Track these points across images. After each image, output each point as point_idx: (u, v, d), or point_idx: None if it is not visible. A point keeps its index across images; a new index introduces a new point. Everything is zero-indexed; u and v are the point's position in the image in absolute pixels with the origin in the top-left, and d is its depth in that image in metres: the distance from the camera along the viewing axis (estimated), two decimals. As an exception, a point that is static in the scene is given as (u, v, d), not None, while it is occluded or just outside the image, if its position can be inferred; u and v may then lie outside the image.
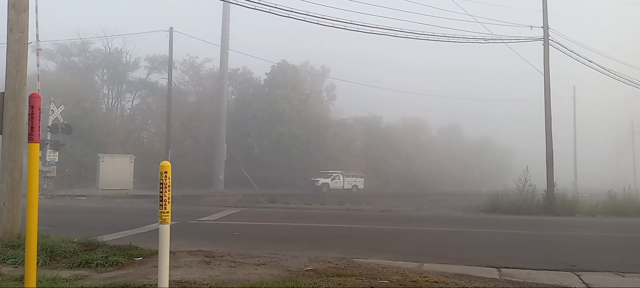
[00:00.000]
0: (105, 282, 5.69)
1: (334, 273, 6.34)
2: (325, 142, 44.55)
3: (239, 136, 43.68)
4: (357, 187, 41.01)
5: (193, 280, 5.83)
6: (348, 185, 40.74)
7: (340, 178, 40.67)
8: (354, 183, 41.23)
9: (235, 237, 11.15)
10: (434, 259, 8.09)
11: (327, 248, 9.01)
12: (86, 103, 38.19)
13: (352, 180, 41.26)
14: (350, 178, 41.32)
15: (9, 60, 8.03)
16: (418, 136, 52.78)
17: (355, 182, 41.46)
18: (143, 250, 7.43)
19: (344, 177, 41.00)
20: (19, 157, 7.95)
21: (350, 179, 41.27)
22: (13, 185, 7.86)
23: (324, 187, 38.90)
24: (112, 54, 43.95)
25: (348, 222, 14.71)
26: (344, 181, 40.77)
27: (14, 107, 7.88)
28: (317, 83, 50.33)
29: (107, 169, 31.43)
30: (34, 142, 3.80)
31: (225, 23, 34.53)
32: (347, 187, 40.47)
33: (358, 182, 41.67)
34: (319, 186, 38.97)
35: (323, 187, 39.03)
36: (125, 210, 18.28)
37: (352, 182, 41.19)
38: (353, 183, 41.20)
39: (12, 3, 8.08)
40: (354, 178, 41.55)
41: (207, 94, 45.11)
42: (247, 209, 19.00)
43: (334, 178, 40.36)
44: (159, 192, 3.97)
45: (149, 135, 45.39)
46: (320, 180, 39.64)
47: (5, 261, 6.66)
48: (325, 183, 39.59)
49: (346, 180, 40.99)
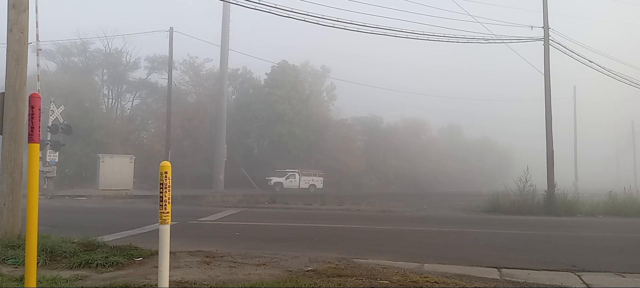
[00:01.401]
0: (105, 282, 5.69)
1: (334, 274, 6.34)
2: (325, 142, 44.52)
3: (239, 136, 43.67)
4: (315, 186, 39.85)
5: (193, 281, 5.83)
6: (304, 185, 39.66)
7: (296, 177, 39.70)
8: (311, 182, 40.15)
9: (235, 238, 11.14)
10: (435, 260, 8.09)
11: (327, 249, 9.01)
12: (86, 103, 38.20)
13: (309, 179, 40.20)
14: (307, 177, 40.29)
15: (9, 61, 8.03)
16: (418, 136, 52.77)
17: (313, 181, 40.37)
18: (143, 251, 7.43)
19: (300, 176, 39.99)
20: (19, 158, 7.94)
21: (308, 178, 40.21)
22: (13, 185, 7.86)
23: (276, 186, 37.71)
24: (112, 54, 43.95)
25: (348, 222, 14.70)
26: (300, 180, 39.73)
27: (14, 108, 7.88)
28: (317, 83, 50.30)
29: (107, 169, 31.41)
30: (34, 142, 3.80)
31: (225, 23, 34.55)
32: (303, 186, 39.43)
33: (316, 181, 40.54)
34: (272, 185, 37.96)
35: (276, 186, 37.93)
36: (125, 210, 18.27)
37: (309, 181, 40.11)
38: (310, 182, 40.11)
39: (12, 3, 8.07)
40: (312, 177, 40.49)
41: (207, 94, 45.11)
42: (247, 209, 18.99)
43: (289, 177, 39.46)
44: (159, 192, 3.97)
45: (149, 136, 45.37)
46: (273, 179, 38.67)
47: (5, 261, 6.66)
48: (278, 182, 38.44)
49: (303, 179, 39.94)
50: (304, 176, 40.10)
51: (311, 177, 40.54)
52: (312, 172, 41.00)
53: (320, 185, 40.26)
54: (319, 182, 40.64)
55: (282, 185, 38.35)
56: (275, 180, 38.55)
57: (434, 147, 52.45)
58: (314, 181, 40.39)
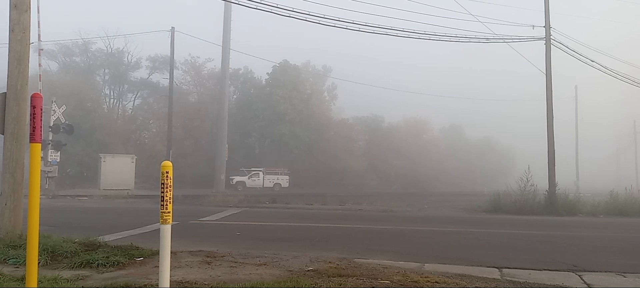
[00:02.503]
0: (106, 282, 5.70)
1: (335, 274, 6.34)
2: (327, 142, 44.53)
3: (240, 136, 43.72)
4: (280, 185, 39.47)
5: (194, 280, 5.84)
6: (269, 183, 39.25)
7: (259, 176, 39.37)
8: (276, 181, 39.74)
9: (236, 237, 11.15)
10: (435, 259, 8.09)
11: (328, 249, 9.01)
12: (88, 103, 38.27)
13: (273, 178, 39.80)
14: (271, 176, 39.90)
15: (11, 60, 8.05)
16: (420, 136, 52.77)
17: (278, 179, 39.92)
18: (144, 250, 7.45)
19: (264, 175, 39.62)
20: (21, 157, 7.97)
21: (272, 177, 39.83)
22: (15, 185, 7.88)
23: (239, 186, 37.20)
24: (113, 54, 44.05)
25: (349, 222, 14.71)
26: (264, 179, 39.36)
27: (15, 107, 7.90)
28: (318, 83, 50.34)
29: (108, 169, 31.47)
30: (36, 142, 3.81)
31: (227, 23, 34.61)
32: (268, 185, 38.99)
33: (281, 179, 40.10)
34: (234, 185, 37.42)
35: (238, 185, 37.34)
36: (126, 210, 18.30)
37: (273, 179, 39.71)
38: (275, 181, 39.72)
39: (14, 3, 8.09)
40: (277, 176, 40.08)
41: (208, 94, 45.16)
42: (248, 209, 19.01)
43: (252, 176, 39.12)
44: (161, 192, 3.97)
45: (150, 136, 45.46)
46: (235, 179, 38.17)
47: (6, 261, 6.68)
48: (240, 181, 37.99)
49: (267, 177, 39.54)
50: (268, 175, 39.70)
51: (276, 175, 40.08)
52: (277, 171, 40.55)
53: (285, 184, 39.84)
54: (284, 180, 40.19)
55: (245, 185, 37.98)
56: (238, 180, 38.08)
57: (435, 147, 52.48)
58: (279, 180, 39.95)
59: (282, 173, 40.47)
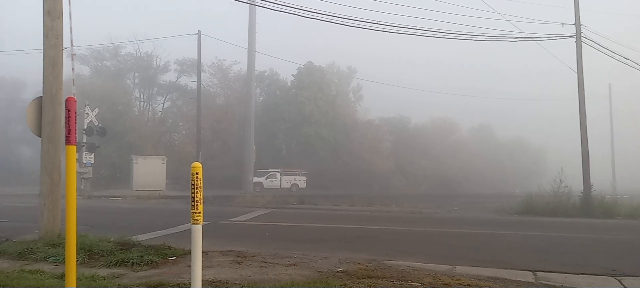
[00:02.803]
0: (140, 280, 5.81)
1: (364, 275, 6.30)
2: (352, 143, 44.40)
3: (266, 138, 44.04)
4: (298, 186, 39.19)
5: (225, 280, 5.89)
6: (286, 184, 39.03)
7: (276, 177, 39.16)
8: (293, 182, 39.51)
9: (265, 238, 11.21)
10: (467, 262, 7.93)
11: (357, 250, 8.96)
12: (119, 106, 39.28)
13: (291, 179, 39.56)
14: (289, 176, 39.65)
15: (46, 66, 8.31)
16: (448, 136, 52.01)
17: (296, 180, 39.66)
18: (176, 250, 7.56)
19: (281, 176, 39.39)
20: (57, 159, 8.21)
21: (290, 177, 39.58)
22: (52, 186, 8.13)
23: (256, 187, 36.92)
24: (142, 58, 45.08)
25: (378, 223, 14.59)
26: (281, 180, 39.12)
27: (51, 111, 8.15)
28: (343, 84, 50.27)
29: (140, 171, 32.21)
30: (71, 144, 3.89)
31: (252, 25, 34.90)
32: (285, 185, 38.82)
33: (299, 180, 39.79)
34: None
35: (256, 186, 37.06)
36: (158, 210, 18.65)
37: (291, 180, 39.48)
38: (292, 182, 39.49)
39: (47, 10, 8.35)
40: (294, 177, 39.81)
41: (235, 96, 45.68)
42: (276, 210, 19.10)
43: (269, 177, 38.93)
44: (191, 193, 4.02)
45: (180, 137, 46.29)
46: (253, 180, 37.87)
47: (46, 259, 6.90)
48: (258, 182, 37.51)
49: (284, 178, 39.29)
50: (285, 175, 39.58)
51: (293, 176, 39.91)
52: (295, 171, 40.34)
53: (303, 185, 39.62)
54: (301, 181, 39.98)
55: (262, 185, 37.87)
56: (256, 180, 37.91)
57: (464, 147, 51.58)
58: (296, 180, 39.79)
59: (300, 174, 40.39)
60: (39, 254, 7.05)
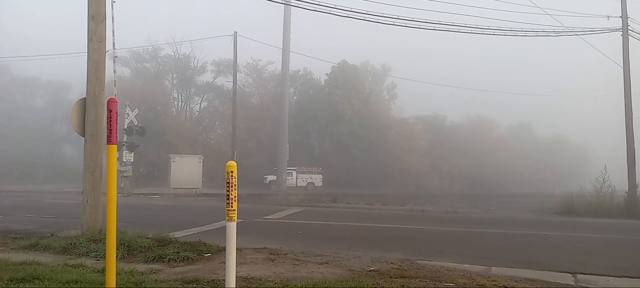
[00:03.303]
0: (177, 276, 5.97)
1: (397, 275, 6.26)
2: (386, 141, 44.07)
3: (300, 136, 44.29)
4: (314, 184, 38.76)
5: (259, 277, 5.98)
6: (302, 182, 38.57)
7: (293, 175, 38.73)
8: (309, 180, 39.04)
9: (298, 236, 11.29)
10: (503, 263, 7.75)
11: (389, 249, 8.90)
12: (158, 106, 40.45)
13: (307, 177, 39.10)
14: (305, 175, 39.18)
15: (89, 68, 8.65)
16: (485, 134, 50.87)
17: (311, 178, 39.19)
18: (211, 247, 7.73)
19: (297, 174, 38.97)
20: (99, 158, 8.54)
21: (305, 176, 39.14)
22: (94, 183, 8.46)
23: (272, 185, 36.76)
24: (180, 59, 46.23)
25: (411, 223, 14.45)
26: (297, 178, 38.70)
27: (94, 112, 8.48)
28: (377, 82, 49.98)
29: (177, 169, 33.05)
30: (112, 143, 4.04)
31: (286, 26, 35.15)
32: (301, 184, 38.34)
33: (314, 178, 39.33)
34: (267, 184, 37.24)
35: (271, 184, 37.08)
36: (194, 207, 19.10)
37: (307, 178, 39.03)
38: (308, 180, 39.01)
39: (91, 15, 8.69)
40: (310, 175, 39.31)
41: (269, 95, 46.19)
42: (309, 208, 19.20)
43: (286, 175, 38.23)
44: (226, 191, 4.10)
45: (216, 137, 47.19)
46: (268, 178, 37.89)
47: (88, 254, 7.20)
48: (274, 180, 37.30)
49: (300, 176, 38.83)
50: (301, 174, 39.29)
51: (309, 174, 39.57)
52: (311, 170, 40.01)
53: (319, 183, 39.27)
54: (317, 179, 39.65)
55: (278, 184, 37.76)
56: (271, 179, 37.93)
57: (502, 146, 50.34)
58: (312, 179, 39.47)
59: (316, 172, 40.15)
60: (81, 249, 7.37)
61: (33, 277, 5.44)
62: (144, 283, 5.42)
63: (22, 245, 7.98)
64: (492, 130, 52.62)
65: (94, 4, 8.66)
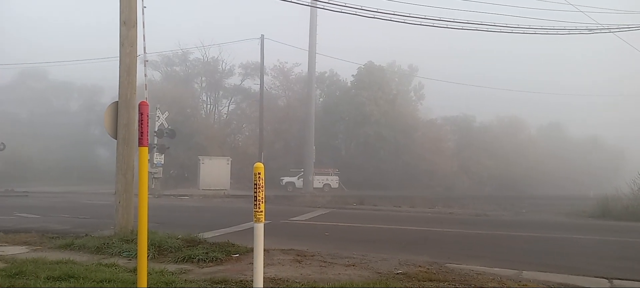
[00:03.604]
0: (206, 276, 6.07)
1: (425, 278, 6.19)
2: (414, 142, 43.62)
3: (327, 138, 44.29)
4: (330, 186, 37.90)
5: (286, 278, 6.01)
6: (319, 184, 37.58)
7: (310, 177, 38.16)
8: (325, 182, 38.15)
9: (325, 237, 11.30)
10: (535, 267, 7.56)
11: (417, 252, 8.81)
12: (187, 109, 41.21)
13: (323, 179, 38.20)
14: (321, 176, 38.24)
15: (121, 72, 8.89)
16: (515, 135, 49.69)
17: (328, 180, 38.30)
18: (239, 247, 7.81)
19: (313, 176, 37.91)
20: (131, 160, 8.76)
21: (322, 177, 38.22)
22: (126, 185, 8.68)
23: (289, 186, 36.26)
24: (209, 63, 47.00)
25: (439, 225, 14.27)
26: (313, 180, 37.44)
27: (126, 115, 8.70)
28: (404, 83, 49.52)
29: (206, 171, 33.59)
30: (144, 146, 4.13)
31: (313, 27, 35.23)
32: (317, 185, 37.31)
33: (331, 180, 38.45)
34: (284, 185, 36.71)
35: (288, 186, 36.52)
36: (223, 209, 19.35)
37: (323, 180, 38.11)
38: (325, 182, 38.12)
39: (123, 20, 8.92)
40: (326, 177, 38.43)
41: (296, 97, 46.39)
42: (336, 210, 19.19)
43: (301, 177, 37.57)
44: (254, 192, 4.14)
45: (243, 139, 47.72)
46: (285, 179, 37.36)
47: (121, 254, 7.39)
48: (290, 182, 36.95)
49: (317, 178, 37.75)
50: (317, 175, 38.40)
51: (326, 176, 38.85)
52: (327, 171, 39.33)
53: (335, 185, 38.60)
54: (333, 181, 38.95)
55: (294, 185, 37.34)
56: (287, 180, 37.58)
57: (532, 147, 49.07)
58: (328, 180, 38.74)
59: (332, 174, 39.63)
60: (114, 249, 7.57)
61: (68, 276, 5.61)
62: (174, 283, 5.52)
63: (58, 244, 8.25)
64: (523, 131, 51.36)
65: (125, 10, 8.89)
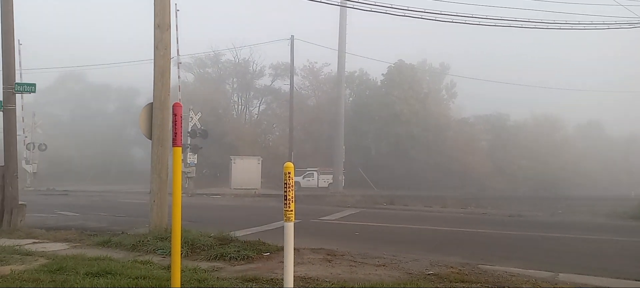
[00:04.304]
0: (237, 274, 6.16)
1: (457, 279, 6.10)
2: (445, 142, 42.96)
3: (356, 138, 44.14)
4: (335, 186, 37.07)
5: (316, 277, 6.04)
6: (324, 183, 37.39)
7: (313, 176, 37.83)
8: (330, 181, 37.32)
9: (355, 237, 11.29)
10: (571, 269, 7.34)
11: (449, 253, 8.69)
12: (219, 110, 41.94)
13: (328, 178, 37.57)
14: (326, 175, 37.75)
15: (156, 75, 9.11)
16: (551, 134, 48.27)
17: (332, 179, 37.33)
18: (270, 246, 7.90)
19: (319, 175, 37.97)
20: (165, 159, 8.97)
21: (327, 177, 37.67)
22: (161, 184, 8.90)
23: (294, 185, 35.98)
24: (240, 64, 47.69)
25: (472, 226, 14.01)
26: (318, 179, 37.71)
27: (160, 116, 8.92)
28: (435, 81, 48.87)
29: (238, 170, 34.10)
30: (178, 146, 4.24)
31: (342, 27, 35.18)
32: (322, 185, 37.25)
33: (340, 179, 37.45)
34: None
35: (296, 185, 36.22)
36: (253, 207, 19.59)
37: (328, 179, 37.50)
38: (329, 181, 37.36)
39: (157, 24, 9.15)
40: (331, 176, 37.48)
41: (325, 97, 46.47)
42: (365, 210, 19.12)
43: (306, 176, 37.65)
44: (284, 192, 4.18)
45: (274, 138, 48.17)
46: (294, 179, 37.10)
47: (155, 251, 7.59)
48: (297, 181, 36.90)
49: (322, 177, 37.72)
50: (322, 174, 38.37)
51: (330, 175, 37.98)
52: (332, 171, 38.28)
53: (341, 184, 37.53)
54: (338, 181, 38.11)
55: (300, 185, 36.80)
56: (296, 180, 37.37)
57: (570, 146, 47.55)
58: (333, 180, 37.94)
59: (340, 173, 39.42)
60: (149, 246, 7.79)
61: (106, 272, 5.81)
62: (206, 281, 5.64)
63: (96, 241, 8.54)
64: (559, 130, 49.83)
65: (159, 14, 9.11)
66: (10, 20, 10.46)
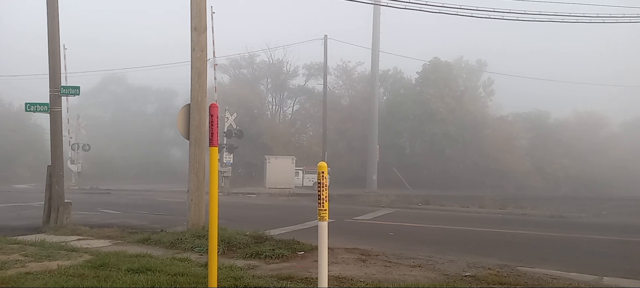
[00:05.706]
0: (272, 272, 6.23)
1: (495, 281, 5.96)
2: (482, 141, 42.03)
3: (390, 137, 43.81)
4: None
5: (350, 277, 6.03)
6: (309, 182, 36.94)
7: (299, 175, 37.25)
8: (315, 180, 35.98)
9: (389, 237, 11.20)
10: (617, 273, 7.04)
11: (486, 254, 8.50)
12: (254, 110, 42.50)
13: (312, 177, 37.07)
14: (311, 174, 37.30)
15: (193, 76, 9.33)
16: (595, 132, 46.44)
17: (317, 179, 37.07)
18: (304, 245, 7.95)
19: (304, 174, 37.49)
20: (202, 159, 9.18)
21: (311, 176, 37.20)
22: (198, 183, 9.11)
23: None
24: (274, 65, 48.19)
25: (510, 227, 13.66)
26: (303, 178, 37.22)
27: (197, 116, 9.13)
28: (472, 79, 47.86)
29: (272, 169, 34.48)
30: (214, 146, 4.32)
31: (376, 25, 34.99)
32: (307, 184, 36.83)
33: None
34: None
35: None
36: (288, 207, 19.73)
37: (312, 178, 36.99)
38: (314, 180, 36.45)
39: (194, 26, 9.36)
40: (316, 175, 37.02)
41: (359, 96, 46.31)
42: (400, 210, 18.94)
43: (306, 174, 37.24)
44: (317, 191, 4.19)
45: (307, 138, 48.41)
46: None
47: (193, 249, 7.77)
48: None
49: (306, 176, 37.32)
50: (307, 174, 37.97)
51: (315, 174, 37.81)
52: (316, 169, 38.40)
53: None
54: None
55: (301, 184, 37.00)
56: None
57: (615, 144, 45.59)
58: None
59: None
60: (187, 244, 7.99)
61: (146, 268, 5.98)
62: (242, 279, 5.72)
63: (137, 239, 8.81)
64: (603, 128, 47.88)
65: (196, 17, 9.32)
66: (55, 25, 10.93)
